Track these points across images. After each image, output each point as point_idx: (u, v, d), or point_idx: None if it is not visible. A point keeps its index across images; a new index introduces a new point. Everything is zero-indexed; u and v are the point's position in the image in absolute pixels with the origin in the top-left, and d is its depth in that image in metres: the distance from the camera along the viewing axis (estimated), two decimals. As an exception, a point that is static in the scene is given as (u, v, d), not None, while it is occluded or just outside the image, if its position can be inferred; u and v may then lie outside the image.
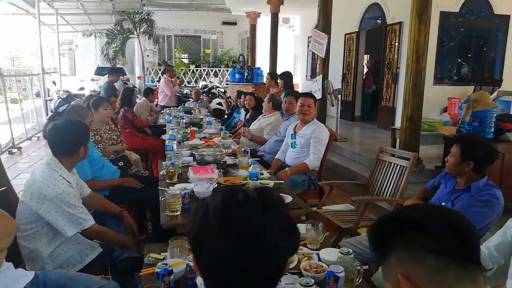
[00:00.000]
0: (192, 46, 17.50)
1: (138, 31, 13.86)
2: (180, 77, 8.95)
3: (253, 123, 4.78)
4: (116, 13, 14.03)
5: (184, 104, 7.80)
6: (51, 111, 8.08)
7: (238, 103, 6.78)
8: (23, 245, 1.94)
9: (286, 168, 3.05)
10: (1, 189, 2.17)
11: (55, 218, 1.92)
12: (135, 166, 3.82)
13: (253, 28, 12.70)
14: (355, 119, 9.53)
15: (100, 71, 16.70)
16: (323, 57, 7.01)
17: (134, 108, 5.60)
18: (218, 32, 17.23)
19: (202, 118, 5.18)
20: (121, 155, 3.66)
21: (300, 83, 13.06)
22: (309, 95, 3.44)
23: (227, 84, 14.47)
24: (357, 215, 2.63)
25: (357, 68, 9.58)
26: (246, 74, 10.77)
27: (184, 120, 5.12)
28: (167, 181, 2.63)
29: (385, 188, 2.87)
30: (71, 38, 26.20)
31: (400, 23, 7.65)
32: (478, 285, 0.69)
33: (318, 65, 7.27)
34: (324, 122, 6.77)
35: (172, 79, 7.53)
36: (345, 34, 9.66)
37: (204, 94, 10.69)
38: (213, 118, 5.64)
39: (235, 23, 17.05)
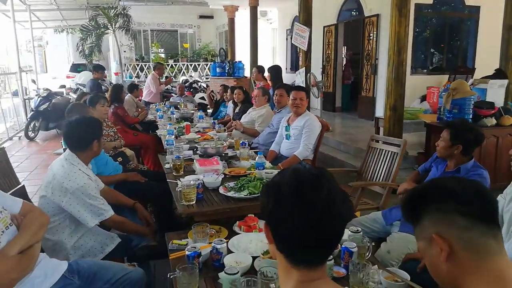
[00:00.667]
0: (169, 41, 17.35)
1: (113, 26, 13.62)
2: (170, 76, 8.94)
3: (243, 116, 4.90)
4: (90, 8, 13.75)
5: (169, 100, 7.81)
6: (32, 110, 7.93)
7: (225, 97, 6.88)
8: (47, 237, 2.02)
9: (279, 164, 3.18)
10: (18, 187, 2.23)
11: (77, 210, 2.01)
12: (132, 162, 3.88)
13: (231, 22, 12.72)
14: (336, 110, 9.79)
15: (75, 68, 16.37)
16: (306, 49, 7.19)
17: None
18: (195, 26, 17.13)
19: (193, 113, 5.26)
20: (119, 151, 3.72)
21: (280, 75, 13.18)
22: (301, 88, 3.59)
23: (207, 78, 14.48)
24: (355, 200, 2.81)
25: (336, 60, 9.82)
26: (227, 68, 10.85)
27: (174, 115, 5.18)
28: (174, 173, 2.73)
29: (377, 174, 3.07)
30: (41, 35, 25.43)
31: (377, 15, 7.91)
32: (498, 241, 0.86)
33: (301, 58, 7.44)
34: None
35: (160, 78, 7.57)
36: (324, 27, 9.87)
37: (185, 89, 10.69)
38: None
39: (212, 17, 16.99)
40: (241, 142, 3.34)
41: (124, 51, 15.09)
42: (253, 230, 1.95)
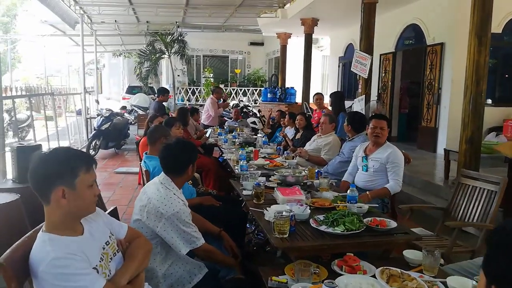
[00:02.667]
0: (219, 66, 17.80)
1: (169, 51, 14.19)
2: (227, 100, 9.10)
3: (308, 143, 4.78)
4: (149, 34, 14.43)
5: (224, 124, 7.88)
6: (94, 129, 8.27)
7: (282, 123, 6.82)
8: (139, 264, 1.96)
9: (367, 192, 3.02)
10: (111, 209, 2.21)
11: (171, 236, 1.95)
12: (200, 185, 3.85)
13: (283, 49, 12.87)
14: (392, 140, 9.37)
15: (131, 90, 17.15)
16: (366, 77, 7.04)
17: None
18: (245, 52, 17.50)
19: (256, 138, 5.22)
20: (189, 174, 3.70)
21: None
22: (382, 117, 3.43)
23: (255, 103, 14.62)
24: (450, 241, 2.57)
25: (393, 88, 9.57)
26: (279, 94, 10.88)
27: (237, 140, 5.16)
28: (255, 201, 2.63)
29: (471, 213, 2.81)
30: (98, 58, 27.07)
31: (441, 44, 7.64)
32: None
33: (360, 85, 7.29)
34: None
35: (218, 101, 7.69)
36: (380, 55, 9.69)
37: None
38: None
39: (262, 44, 17.31)
40: (316, 171, 3.21)
41: (178, 75, 15.60)
42: (358, 272, 1.79)
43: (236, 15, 10.71)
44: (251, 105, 13.02)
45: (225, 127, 6.65)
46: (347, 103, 10.73)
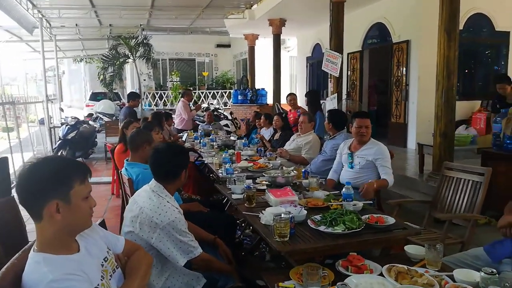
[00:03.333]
0: (185, 69, 17.53)
1: (134, 55, 13.82)
2: (199, 102, 8.93)
3: (287, 143, 4.75)
4: (112, 38, 13.98)
5: (198, 128, 7.73)
6: (60, 138, 7.88)
7: (257, 124, 6.76)
8: (134, 279, 1.83)
9: (371, 180, 3.02)
10: (98, 222, 2.06)
11: (167, 247, 1.83)
12: (183, 191, 3.72)
13: (251, 50, 12.85)
14: (363, 136, 9.61)
15: (95, 97, 16.56)
16: (337, 76, 7.12)
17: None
18: (212, 55, 17.35)
19: (235, 140, 5.13)
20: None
21: (300, 102, 13.16)
22: (365, 115, 3.44)
23: (225, 105, 14.50)
24: (442, 234, 2.60)
25: (362, 86, 9.76)
26: (250, 95, 10.84)
27: (215, 143, 5.05)
28: (247, 205, 2.55)
29: (457, 205, 2.86)
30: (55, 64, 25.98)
31: (407, 42, 7.86)
32: None
33: (332, 84, 7.37)
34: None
35: (190, 104, 7.52)
36: (348, 53, 9.85)
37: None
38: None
39: (229, 46, 17.23)
40: (303, 170, 3.17)
41: (144, 80, 15.22)
42: (364, 271, 1.75)
43: (203, 17, 10.56)
44: (221, 108, 12.89)
45: (199, 131, 6.51)
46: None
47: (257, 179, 3.26)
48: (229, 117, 10.30)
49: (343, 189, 2.37)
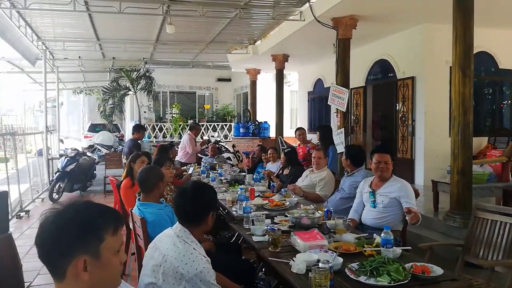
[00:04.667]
0: (186, 102, 17.54)
1: (135, 87, 13.84)
2: (204, 138, 8.81)
3: (300, 179, 4.56)
4: (114, 70, 14.05)
5: (201, 160, 7.54)
6: (58, 170, 7.64)
7: (263, 158, 6.60)
8: None
9: (410, 208, 2.84)
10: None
11: None
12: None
13: (253, 84, 12.91)
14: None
15: (93, 128, 16.42)
16: (344, 110, 7.06)
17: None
18: (212, 88, 17.44)
19: (245, 175, 4.93)
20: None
21: (301, 136, 13.10)
22: (385, 151, 3.28)
23: (225, 138, 14.39)
24: (484, 282, 2.38)
25: (365, 121, 9.72)
26: (252, 128, 10.75)
27: (222, 177, 4.86)
28: (271, 249, 2.34)
29: (494, 249, 2.66)
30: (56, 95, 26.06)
31: (412, 78, 7.87)
32: None
33: (339, 119, 7.29)
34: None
35: (196, 139, 7.39)
36: (351, 89, 9.86)
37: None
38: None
39: (229, 80, 17.36)
40: (325, 210, 2.97)
41: (144, 112, 15.17)
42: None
43: (207, 51, 10.64)
44: (222, 140, 12.76)
45: (203, 164, 6.32)
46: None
47: (274, 218, 3.06)
48: (231, 150, 10.14)
49: (382, 234, 2.16)
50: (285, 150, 5.15)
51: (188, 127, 8.55)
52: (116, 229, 1.08)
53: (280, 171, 5.42)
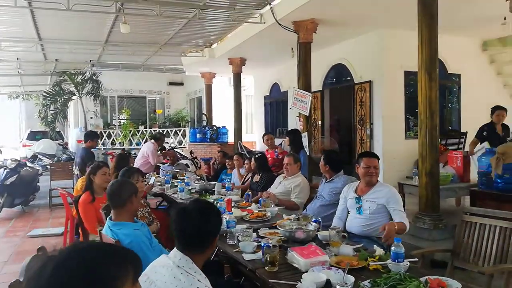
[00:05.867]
0: (135, 107, 16.76)
1: (80, 92, 12.96)
2: (167, 149, 8.30)
3: (273, 186, 4.38)
4: (56, 73, 13.06)
5: (159, 169, 7.10)
6: (-4, 185, 6.83)
7: (227, 164, 6.34)
8: None
9: (392, 222, 2.72)
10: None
11: None
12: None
13: (208, 88, 12.62)
14: (327, 175, 9.52)
15: (33, 136, 15.14)
16: (307, 114, 7.02)
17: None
18: (164, 92, 16.83)
19: (214, 184, 4.64)
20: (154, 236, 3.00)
21: (258, 140, 13.00)
22: (373, 155, 3.19)
23: (180, 144, 13.89)
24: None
25: (323, 125, 9.80)
26: (210, 134, 10.44)
27: (189, 187, 4.54)
28: (267, 269, 2.11)
29: (485, 254, 2.64)
30: (-13, 101, 23.85)
31: (370, 82, 8.03)
32: None
33: (302, 123, 7.24)
34: (311, 179, 6.62)
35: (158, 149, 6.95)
36: (309, 93, 9.91)
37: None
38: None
39: (181, 84, 16.87)
40: (313, 219, 2.81)
41: (91, 117, 14.25)
42: None
43: (161, 54, 10.17)
44: (177, 147, 12.29)
45: (166, 173, 5.92)
46: (277, 142, 10.76)
47: (259, 231, 2.84)
48: (189, 157, 9.74)
49: (392, 247, 2.01)
50: (256, 156, 4.93)
51: (152, 136, 8.04)
52: (136, 277, 0.81)
53: (250, 178, 5.20)
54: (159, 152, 7.08)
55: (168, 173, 5.79)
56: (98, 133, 6.94)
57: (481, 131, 5.81)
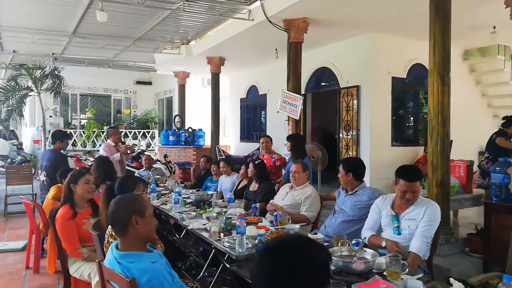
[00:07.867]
0: (99, 107, 15.70)
1: (39, 88, 11.86)
2: (131, 144, 7.50)
3: (279, 197, 3.91)
4: (12, 67, 11.88)
5: (135, 174, 6.41)
6: None
7: (212, 171, 5.80)
8: None
9: (406, 262, 2.30)
10: None
11: None
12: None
13: (182, 88, 11.98)
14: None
15: (-15, 136, 13.71)
16: (297, 118, 6.64)
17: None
18: (130, 92, 15.89)
19: (212, 194, 4.08)
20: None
21: (233, 144, 12.49)
22: (415, 177, 2.60)
23: (148, 147, 13.07)
24: None
25: (305, 130, 9.45)
26: (185, 136, 9.81)
27: (181, 198, 3.96)
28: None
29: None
30: None
31: (357, 86, 7.77)
32: None
33: (291, 127, 6.83)
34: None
35: (118, 145, 6.14)
36: (290, 96, 9.55)
37: (137, 160, 9.27)
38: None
39: (150, 83, 16.02)
40: (353, 242, 2.37)
41: (50, 116, 13.11)
42: None
43: (134, 49, 9.42)
44: (146, 149, 11.50)
45: (147, 180, 5.26)
46: (254, 146, 10.31)
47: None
48: (162, 161, 9.05)
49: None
50: (256, 162, 4.43)
51: (105, 133, 7.17)
52: None
53: (245, 187, 4.70)
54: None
55: (150, 180, 5.14)
56: (68, 133, 6.06)
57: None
